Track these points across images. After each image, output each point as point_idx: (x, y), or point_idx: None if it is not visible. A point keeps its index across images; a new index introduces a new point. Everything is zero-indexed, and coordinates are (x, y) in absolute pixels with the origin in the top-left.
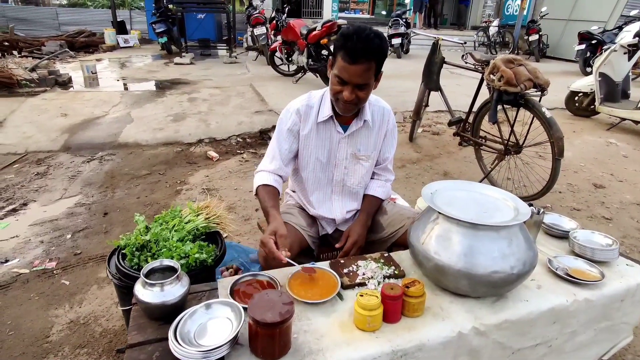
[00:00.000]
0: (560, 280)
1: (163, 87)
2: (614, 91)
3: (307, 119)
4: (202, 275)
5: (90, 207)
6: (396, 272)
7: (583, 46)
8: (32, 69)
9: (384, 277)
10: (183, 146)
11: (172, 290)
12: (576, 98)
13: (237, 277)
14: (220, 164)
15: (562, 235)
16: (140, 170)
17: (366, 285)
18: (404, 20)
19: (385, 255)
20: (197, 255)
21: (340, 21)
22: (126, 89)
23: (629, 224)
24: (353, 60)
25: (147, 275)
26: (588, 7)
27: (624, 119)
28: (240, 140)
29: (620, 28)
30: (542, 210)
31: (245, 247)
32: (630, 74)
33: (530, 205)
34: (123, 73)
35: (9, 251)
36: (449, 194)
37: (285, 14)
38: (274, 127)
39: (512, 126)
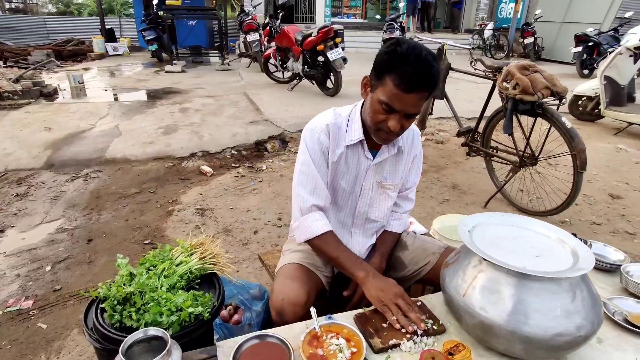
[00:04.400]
0: (622, 331)
1: (153, 97)
2: (620, 95)
3: (336, 140)
4: (197, 333)
5: (72, 233)
6: (435, 326)
7: (580, 48)
8: (16, 80)
9: (420, 335)
10: (175, 161)
11: None
12: (580, 102)
13: (240, 339)
14: (215, 180)
15: (610, 269)
16: (129, 189)
17: (399, 347)
18: (399, 24)
19: (419, 304)
20: (191, 310)
21: (336, 26)
22: (115, 99)
23: None
24: (410, 89)
25: (128, 350)
26: (582, 9)
27: (632, 124)
28: (235, 152)
29: (616, 30)
30: (589, 242)
31: (244, 282)
32: (635, 77)
33: (573, 235)
34: (112, 82)
35: None
36: (490, 231)
37: (279, 20)
38: (270, 137)
39: (528, 137)
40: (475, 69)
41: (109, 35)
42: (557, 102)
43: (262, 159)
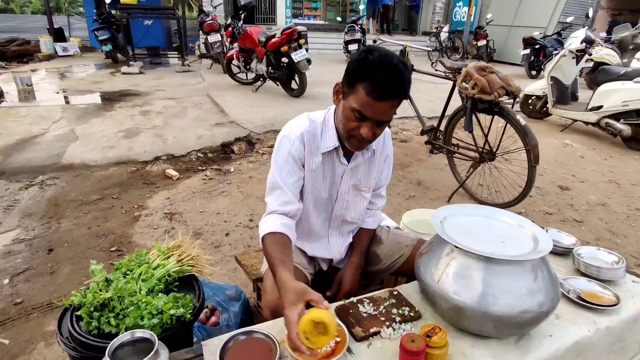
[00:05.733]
0: (576, 307)
1: (111, 99)
2: (565, 94)
3: (312, 148)
4: (179, 335)
5: (31, 243)
6: (411, 313)
7: (528, 51)
8: None
9: (399, 322)
10: (138, 165)
11: None
12: (529, 101)
13: (226, 336)
14: (182, 184)
15: (564, 253)
16: (90, 195)
17: (379, 334)
18: (360, 26)
19: (395, 293)
20: (172, 311)
21: (300, 27)
22: (68, 102)
23: (599, 225)
24: (381, 97)
25: (114, 353)
26: (529, 14)
27: (576, 120)
28: (201, 155)
29: (559, 34)
30: (545, 228)
31: (220, 283)
32: (578, 77)
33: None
34: (64, 85)
35: None
36: (459, 221)
37: (242, 21)
38: (237, 139)
39: (486, 134)
40: (436, 70)
41: (58, 35)
42: (511, 101)
43: (229, 161)
